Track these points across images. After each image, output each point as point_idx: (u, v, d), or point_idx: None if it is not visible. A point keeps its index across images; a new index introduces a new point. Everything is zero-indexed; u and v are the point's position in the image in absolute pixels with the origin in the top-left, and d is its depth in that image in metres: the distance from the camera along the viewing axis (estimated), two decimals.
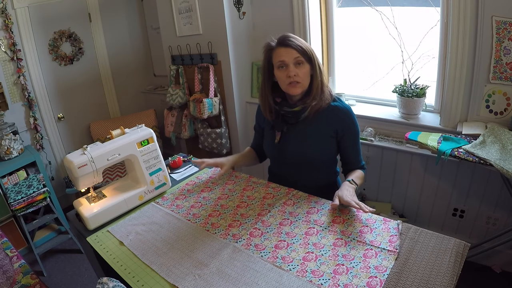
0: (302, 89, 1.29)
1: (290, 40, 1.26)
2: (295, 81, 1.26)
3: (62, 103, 3.05)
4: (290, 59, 1.24)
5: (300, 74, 1.26)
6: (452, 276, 0.86)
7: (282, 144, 1.40)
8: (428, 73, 2.09)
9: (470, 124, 1.85)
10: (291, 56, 1.24)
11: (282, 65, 1.27)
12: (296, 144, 1.37)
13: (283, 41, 1.27)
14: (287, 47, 1.25)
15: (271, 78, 1.35)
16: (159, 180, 1.38)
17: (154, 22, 3.37)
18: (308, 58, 1.26)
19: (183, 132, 2.88)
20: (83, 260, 2.44)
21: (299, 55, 1.24)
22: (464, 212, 2.04)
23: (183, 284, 0.92)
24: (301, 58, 1.25)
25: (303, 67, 1.26)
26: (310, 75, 1.30)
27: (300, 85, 1.27)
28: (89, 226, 1.21)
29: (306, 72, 1.27)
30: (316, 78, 1.29)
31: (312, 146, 1.35)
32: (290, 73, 1.25)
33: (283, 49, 1.26)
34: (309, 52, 1.26)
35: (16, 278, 1.23)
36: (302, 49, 1.25)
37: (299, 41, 1.27)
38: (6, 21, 2.56)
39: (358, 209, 1.09)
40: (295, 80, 1.26)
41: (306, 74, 1.28)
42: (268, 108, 1.39)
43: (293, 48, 1.24)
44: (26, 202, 2.23)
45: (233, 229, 1.14)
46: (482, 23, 1.68)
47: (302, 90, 1.30)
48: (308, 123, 1.35)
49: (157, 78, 3.69)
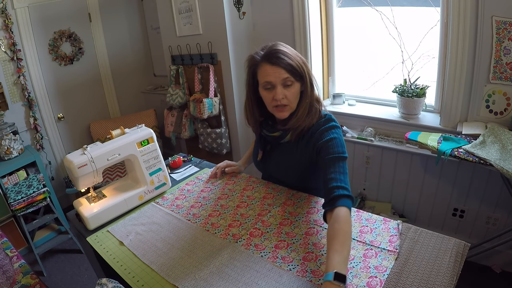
0: (290, 111, 1.13)
1: (278, 57, 1.06)
2: (283, 104, 1.10)
3: (62, 103, 3.05)
4: (278, 80, 1.07)
5: (288, 96, 1.09)
6: (452, 276, 0.86)
7: (264, 163, 1.33)
8: (428, 73, 2.09)
9: (470, 124, 1.85)
10: (279, 76, 1.07)
11: (269, 86, 1.10)
12: (276, 165, 1.29)
13: (270, 58, 1.07)
14: (275, 65, 1.06)
15: (256, 95, 1.19)
16: (159, 180, 1.38)
17: (154, 22, 3.37)
18: (299, 76, 1.10)
19: (183, 132, 2.88)
20: (83, 260, 2.44)
21: (288, 75, 1.07)
22: (464, 212, 2.04)
23: (183, 284, 0.92)
24: (290, 78, 1.08)
25: (292, 87, 1.09)
26: (301, 91, 1.13)
27: (288, 108, 1.12)
28: (89, 226, 1.21)
29: (295, 92, 1.11)
30: (305, 97, 1.13)
31: (290, 170, 1.22)
32: (278, 96, 1.08)
33: (269, 68, 1.07)
34: (300, 68, 1.09)
35: (16, 278, 1.23)
36: (292, 68, 1.07)
37: (289, 56, 1.08)
38: (6, 21, 2.56)
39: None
40: (282, 103, 1.10)
41: (296, 94, 1.11)
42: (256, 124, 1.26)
43: (281, 67, 1.06)
44: (26, 202, 2.23)
45: (233, 229, 1.14)
46: (482, 23, 1.68)
47: (290, 112, 1.14)
48: (289, 148, 1.21)
49: (157, 78, 3.69)
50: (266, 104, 1.17)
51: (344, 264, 0.82)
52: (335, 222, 0.91)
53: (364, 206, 2.38)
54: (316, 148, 1.11)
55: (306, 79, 1.11)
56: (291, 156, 1.21)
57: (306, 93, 1.13)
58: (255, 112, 1.23)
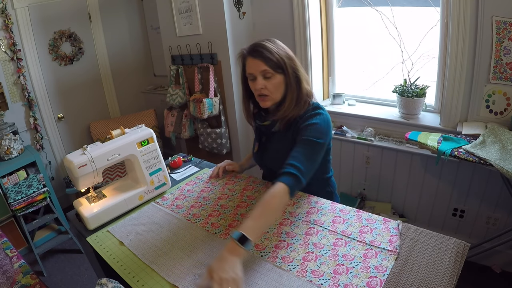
0: (272, 102, 1.21)
1: (258, 50, 1.16)
2: (264, 94, 1.19)
3: (62, 103, 3.05)
4: (258, 71, 1.16)
5: (268, 87, 1.17)
6: (452, 276, 0.86)
7: (260, 154, 1.38)
8: (428, 73, 2.09)
9: (470, 124, 1.85)
10: (258, 68, 1.16)
11: (251, 77, 1.20)
12: (270, 156, 1.33)
13: (252, 52, 1.18)
14: (255, 58, 1.16)
15: (248, 87, 1.28)
16: (159, 180, 1.38)
17: (154, 22, 3.37)
18: (279, 69, 1.16)
19: (183, 132, 2.88)
20: (83, 260, 2.44)
21: (266, 67, 1.15)
22: (464, 212, 2.04)
23: (183, 284, 0.92)
24: (269, 70, 1.15)
25: (273, 79, 1.17)
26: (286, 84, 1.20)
27: (269, 98, 1.19)
28: (89, 226, 1.21)
29: (276, 83, 1.17)
30: (291, 89, 1.19)
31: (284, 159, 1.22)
32: (257, 86, 1.17)
33: (251, 60, 1.18)
34: (281, 61, 1.16)
35: (16, 278, 1.23)
36: (270, 60, 1.15)
37: (269, 50, 1.15)
38: (6, 21, 2.56)
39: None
40: (263, 93, 1.18)
41: (277, 86, 1.18)
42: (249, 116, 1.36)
43: (260, 59, 1.15)
44: (26, 202, 2.23)
45: (233, 229, 1.14)
46: (482, 23, 1.68)
47: (273, 103, 1.21)
48: (281, 137, 1.27)
49: (157, 78, 3.69)
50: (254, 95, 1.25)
51: (254, 231, 0.89)
52: (266, 193, 0.99)
53: (364, 206, 2.38)
54: (298, 132, 1.18)
55: (289, 73, 1.18)
56: (283, 146, 1.26)
57: (290, 86, 1.19)
58: (248, 104, 1.33)
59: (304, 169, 1.06)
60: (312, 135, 1.12)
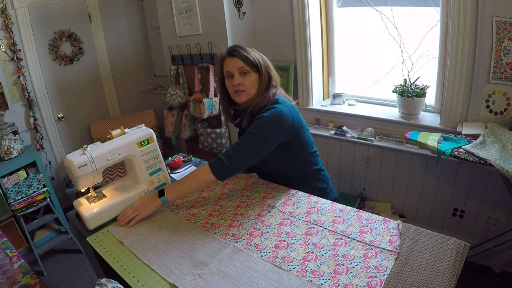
0: (247, 97, 1.31)
1: (235, 50, 1.29)
2: (240, 90, 1.29)
3: (62, 103, 3.05)
4: (235, 68, 1.28)
5: (245, 83, 1.28)
6: (452, 276, 0.86)
7: None
8: (428, 73, 2.09)
9: (470, 124, 1.85)
10: (236, 65, 1.28)
11: (229, 75, 1.31)
12: None
13: (230, 52, 1.30)
14: (233, 57, 1.29)
15: (225, 88, 1.38)
16: (159, 180, 1.38)
17: (154, 22, 3.37)
18: (254, 67, 1.29)
19: (183, 132, 2.88)
20: (83, 260, 2.44)
21: (243, 64, 1.27)
22: (464, 212, 2.04)
23: (183, 284, 0.92)
24: (246, 67, 1.28)
25: (249, 76, 1.29)
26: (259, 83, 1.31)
27: (245, 94, 1.30)
28: (89, 226, 1.21)
29: (252, 80, 1.29)
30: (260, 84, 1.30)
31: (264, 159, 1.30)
32: (234, 82, 1.28)
33: (229, 59, 1.30)
34: (255, 61, 1.29)
35: (16, 278, 1.23)
36: (247, 59, 1.27)
37: (246, 50, 1.29)
38: (6, 21, 2.56)
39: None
40: (239, 89, 1.29)
41: (253, 83, 1.30)
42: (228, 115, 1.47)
43: (237, 57, 1.28)
44: (26, 202, 2.23)
45: (233, 229, 1.14)
46: (482, 23, 1.68)
47: (248, 98, 1.31)
48: None
49: (157, 78, 3.69)
50: (230, 93, 1.35)
51: (173, 191, 1.24)
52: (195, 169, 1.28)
53: (364, 206, 2.38)
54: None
55: (262, 72, 1.30)
56: None
57: (261, 83, 1.31)
58: (226, 104, 1.41)
59: (232, 153, 1.20)
60: (253, 127, 1.22)
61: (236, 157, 1.20)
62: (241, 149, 1.21)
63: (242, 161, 1.21)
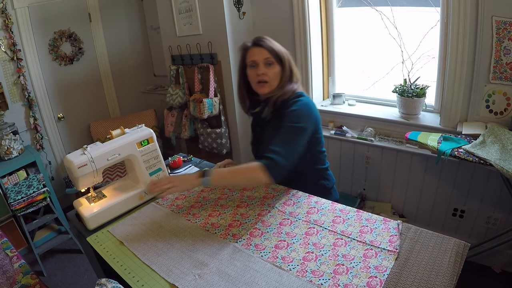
0: (270, 89, 1.32)
1: (262, 41, 1.31)
2: (264, 81, 1.30)
3: (62, 103, 3.05)
4: (261, 58, 1.29)
5: (269, 74, 1.29)
6: (452, 276, 0.86)
7: (255, 145, 1.48)
8: (428, 73, 2.09)
9: (470, 124, 1.85)
10: (262, 56, 1.29)
11: (254, 64, 1.31)
12: (263, 145, 1.38)
13: (256, 41, 1.32)
14: (259, 47, 1.30)
15: (245, 78, 1.39)
16: None
17: (154, 22, 3.37)
18: (279, 60, 1.30)
19: (183, 132, 2.88)
20: (83, 260, 2.44)
21: (269, 55, 1.29)
22: (464, 212, 2.04)
23: (183, 284, 0.92)
24: (271, 58, 1.29)
25: (273, 67, 1.30)
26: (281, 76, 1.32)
27: (268, 85, 1.31)
28: (89, 226, 1.21)
29: (275, 72, 1.30)
30: (284, 77, 1.32)
31: None
32: (259, 72, 1.29)
33: (255, 49, 1.31)
34: (281, 54, 1.30)
35: (16, 278, 1.23)
36: (273, 50, 1.29)
37: (272, 42, 1.31)
38: (6, 21, 2.56)
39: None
40: (263, 79, 1.30)
41: (276, 75, 1.31)
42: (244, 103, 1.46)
43: (264, 48, 1.29)
44: (26, 202, 2.23)
45: (233, 229, 1.14)
46: (482, 23, 1.68)
47: (270, 90, 1.32)
48: (273, 124, 1.33)
49: (157, 78, 3.69)
50: (251, 83, 1.35)
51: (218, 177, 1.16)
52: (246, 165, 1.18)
53: (364, 206, 2.38)
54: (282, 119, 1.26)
55: (286, 65, 1.31)
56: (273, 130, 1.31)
57: (284, 75, 1.32)
58: (243, 92, 1.42)
59: (282, 151, 1.15)
60: (291, 120, 1.22)
61: (288, 153, 1.16)
62: (290, 144, 1.17)
63: (294, 157, 1.18)
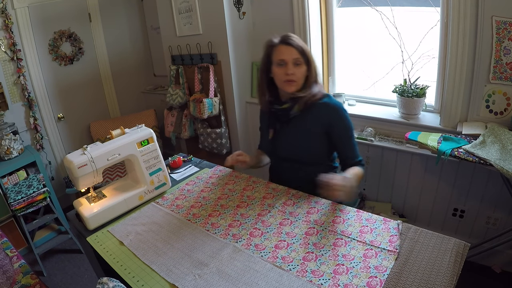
0: (296, 88, 1.34)
1: (291, 39, 1.31)
2: (292, 80, 1.31)
3: (62, 103, 3.05)
4: (290, 58, 1.30)
5: (297, 74, 1.31)
6: (452, 276, 0.86)
7: (275, 140, 1.46)
8: (428, 73, 2.09)
9: (470, 124, 1.85)
10: (291, 55, 1.30)
11: (282, 63, 1.31)
12: (287, 141, 1.42)
13: (285, 40, 1.32)
14: (289, 45, 1.30)
15: (268, 74, 1.39)
16: (159, 180, 1.38)
17: (154, 22, 3.37)
18: (306, 60, 1.32)
19: (183, 132, 2.88)
20: (83, 260, 2.44)
21: (299, 56, 1.30)
22: (464, 212, 2.04)
23: (183, 284, 0.92)
24: (300, 59, 1.30)
25: (300, 67, 1.32)
26: (306, 76, 1.35)
27: (295, 84, 1.33)
28: (89, 226, 1.21)
29: (303, 72, 1.33)
30: (311, 77, 1.35)
31: (302, 143, 1.39)
32: (289, 71, 1.30)
33: (284, 47, 1.31)
34: (308, 54, 1.32)
35: (16, 278, 1.23)
36: (302, 50, 1.30)
37: (300, 41, 1.32)
38: (6, 21, 2.56)
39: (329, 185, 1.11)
40: (292, 79, 1.31)
41: (303, 75, 1.33)
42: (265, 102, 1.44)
43: (294, 47, 1.30)
44: (26, 202, 2.23)
45: (233, 229, 1.14)
46: (482, 23, 1.68)
47: (296, 88, 1.34)
48: (299, 121, 1.38)
49: (157, 78, 3.68)
50: (276, 81, 1.36)
51: (354, 177, 1.22)
52: (353, 168, 1.32)
53: (364, 206, 2.38)
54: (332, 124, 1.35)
55: (312, 65, 1.34)
56: (302, 129, 1.37)
57: (311, 76, 1.35)
58: (265, 89, 1.41)
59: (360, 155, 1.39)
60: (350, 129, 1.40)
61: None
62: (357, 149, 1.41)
63: None
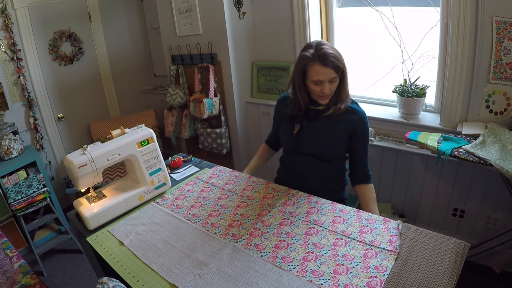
0: (329, 99, 1.39)
1: (329, 59, 1.27)
2: (326, 96, 1.35)
3: (62, 103, 3.05)
4: (327, 79, 1.30)
5: (332, 89, 1.34)
6: (452, 276, 0.86)
7: (300, 135, 1.46)
8: (428, 73, 2.09)
9: (470, 124, 1.85)
10: (328, 76, 1.29)
11: (318, 83, 1.32)
12: (312, 137, 1.44)
13: (322, 59, 1.27)
14: (326, 67, 1.27)
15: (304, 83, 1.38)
16: (159, 180, 1.38)
17: (154, 22, 3.37)
18: (342, 74, 1.34)
19: (183, 132, 2.88)
20: (83, 260, 2.44)
21: (335, 75, 1.30)
22: (464, 212, 2.04)
23: (183, 284, 0.92)
24: (336, 77, 1.32)
25: (335, 82, 1.33)
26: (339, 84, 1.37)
27: (328, 97, 1.37)
28: (89, 226, 1.21)
29: (335, 85, 1.35)
30: (345, 87, 1.37)
31: (326, 140, 1.43)
32: (326, 92, 1.32)
33: (322, 68, 1.28)
34: (342, 66, 1.32)
35: (16, 278, 1.23)
36: (338, 68, 1.30)
37: (337, 58, 1.29)
38: (6, 21, 2.56)
39: None
40: (326, 94, 1.34)
41: (335, 87, 1.36)
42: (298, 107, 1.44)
43: (331, 68, 1.28)
44: (26, 202, 2.23)
45: (233, 229, 1.14)
46: (482, 23, 1.68)
47: (329, 99, 1.39)
48: (326, 120, 1.42)
49: (157, 78, 3.68)
50: (311, 93, 1.39)
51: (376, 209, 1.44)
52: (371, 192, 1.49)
53: None
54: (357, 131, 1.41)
55: (345, 75, 1.36)
56: (331, 128, 1.42)
57: (344, 85, 1.38)
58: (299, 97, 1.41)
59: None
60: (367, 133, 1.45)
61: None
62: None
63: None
